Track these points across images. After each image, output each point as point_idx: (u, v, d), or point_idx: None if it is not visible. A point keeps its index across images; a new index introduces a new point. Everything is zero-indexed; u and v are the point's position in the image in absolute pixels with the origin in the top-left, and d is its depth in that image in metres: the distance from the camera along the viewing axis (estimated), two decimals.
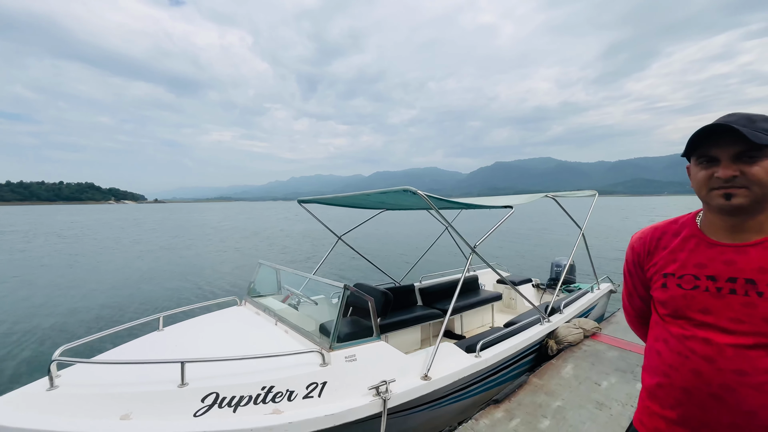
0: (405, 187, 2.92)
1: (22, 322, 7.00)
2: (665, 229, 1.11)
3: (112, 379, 2.30)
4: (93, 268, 12.58)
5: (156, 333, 3.13)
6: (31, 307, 8.03)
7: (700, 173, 0.95)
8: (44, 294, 9.13)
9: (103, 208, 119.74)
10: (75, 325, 6.89)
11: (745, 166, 0.87)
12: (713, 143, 0.91)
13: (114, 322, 7.05)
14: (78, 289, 9.57)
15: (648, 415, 1.08)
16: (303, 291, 3.75)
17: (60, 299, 8.64)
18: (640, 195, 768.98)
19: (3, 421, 1.94)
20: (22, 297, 8.86)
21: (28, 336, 6.30)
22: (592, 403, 2.94)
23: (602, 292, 5.58)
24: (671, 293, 1.01)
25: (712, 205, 0.95)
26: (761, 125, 0.87)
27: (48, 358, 5.42)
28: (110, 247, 18.65)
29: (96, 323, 7.00)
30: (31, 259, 14.78)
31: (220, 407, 2.14)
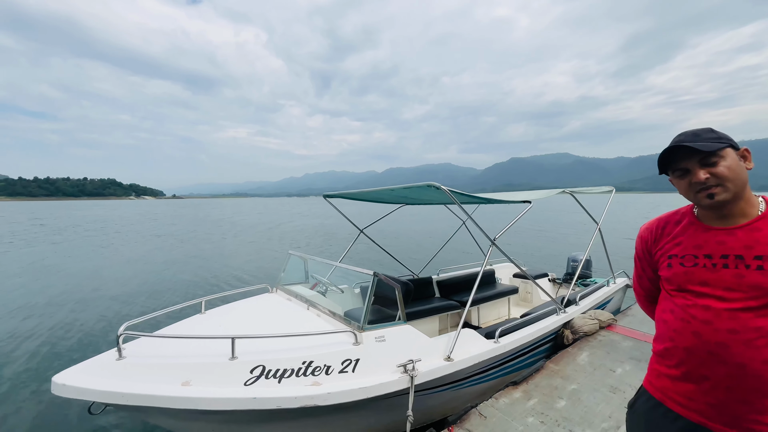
0: (429, 182, 3.13)
1: (82, 303, 7.68)
2: (668, 219, 1.32)
3: (169, 351, 2.60)
4: (139, 259, 13.28)
5: (199, 315, 3.44)
6: (90, 290, 8.85)
7: (681, 183, 1.17)
8: (94, 281, 9.81)
9: (125, 204, 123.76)
10: (121, 308, 7.47)
11: (711, 169, 1.09)
12: (679, 159, 1.14)
13: (160, 304, 7.75)
14: (125, 276, 10.24)
15: (656, 377, 1.27)
16: (330, 279, 4.02)
17: (110, 285, 9.35)
18: (661, 192, 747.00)
19: (87, 384, 2.25)
20: (82, 283, 9.54)
21: (90, 313, 6.96)
22: (606, 387, 3.10)
23: (618, 286, 5.67)
24: (675, 270, 1.21)
25: (702, 205, 1.16)
26: (705, 136, 1.11)
27: (105, 331, 5.96)
28: (153, 240, 19.47)
29: (143, 305, 7.65)
30: (88, 249, 15.61)
31: (267, 378, 2.40)
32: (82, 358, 2.60)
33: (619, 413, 2.74)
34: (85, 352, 5.23)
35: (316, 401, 2.32)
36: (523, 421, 2.67)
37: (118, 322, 6.48)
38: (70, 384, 2.27)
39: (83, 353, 5.22)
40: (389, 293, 3.06)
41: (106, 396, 2.22)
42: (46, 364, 4.92)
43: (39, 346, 5.50)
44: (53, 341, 5.70)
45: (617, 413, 2.75)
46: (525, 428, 2.59)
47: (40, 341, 5.70)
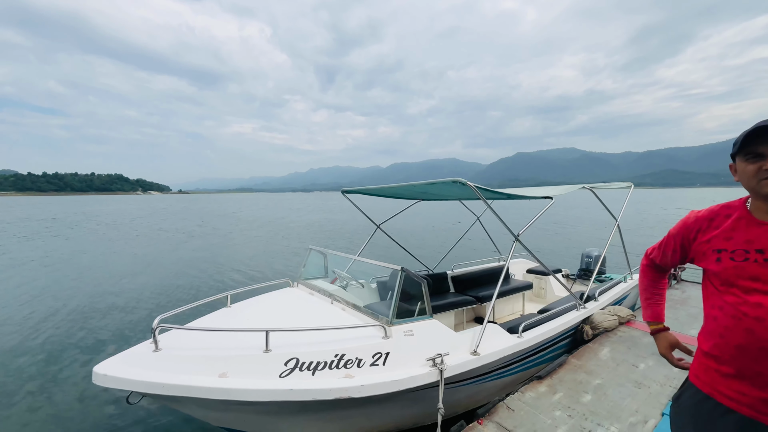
0: (455, 178, 3.16)
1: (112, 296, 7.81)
2: (718, 212, 1.30)
3: (202, 344, 2.66)
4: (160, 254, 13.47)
5: (225, 309, 3.50)
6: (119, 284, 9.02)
7: (748, 167, 1.15)
8: (116, 276, 9.98)
9: (132, 199, 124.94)
10: (147, 300, 7.63)
11: None
12: (759, 142, 1.12)
13: (184, 298, 7.91)
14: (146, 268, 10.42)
15: (704, 371, 1.29)
16: (348, 274, 4.06)
17: (130, 281, 9.50)
18: (670, 187, 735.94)
19: (128, 375, 2.32)
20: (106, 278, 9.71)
21: (118, 306, 7.07)
22: (631, 383, 3.12)
23: (635, 282, 5.65)
24: (724, 265, 1.21)
25: (762, 194, 1.15)
26: None
27: (138, 322, 6.06)
28: (174, 236, 19.69)
29: (171, 299, 7.84)
30: (111, 246, 15.85)
31: (301, 370, 2.45)
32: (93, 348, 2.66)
33: (645, 408, 2.76)
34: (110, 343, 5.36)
35: (350, 393, 2.37)
36: (551, 414, 2.70)
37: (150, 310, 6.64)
38: (111, 374, 2.34)
39: (111, 344, 5.36)
40: (412, 288, 3.10)
41: (147, 386, 2.29)
42: (69, 354, 5.05)
43: (71, 335, 5.64)
44: (86, 330, 5.85)
45: (644, 408, 2.77)
46: (553, 421, 2.62)
47: (73, 330, 5.84)
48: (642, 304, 1.65)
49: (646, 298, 1.63)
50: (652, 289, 1.61)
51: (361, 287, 4.12)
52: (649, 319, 1.62)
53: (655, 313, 1.60)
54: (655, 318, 1.59)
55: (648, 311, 1.62)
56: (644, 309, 1.64)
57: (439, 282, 5.26)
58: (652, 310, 1.60)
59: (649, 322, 1.61)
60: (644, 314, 1.63)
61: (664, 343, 1.56)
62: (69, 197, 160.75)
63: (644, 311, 1.63)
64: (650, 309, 1.61)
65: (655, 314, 1.59)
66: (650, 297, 1.61)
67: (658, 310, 1.60)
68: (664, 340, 1.56)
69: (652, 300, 1.61)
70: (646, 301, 1.62)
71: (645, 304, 1.63)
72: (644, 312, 1.63)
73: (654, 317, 1.60)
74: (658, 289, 1.60)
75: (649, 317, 1.62)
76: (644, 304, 1.63)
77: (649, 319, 1.62)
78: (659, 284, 1.61)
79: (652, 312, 1.60)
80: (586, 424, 2.60)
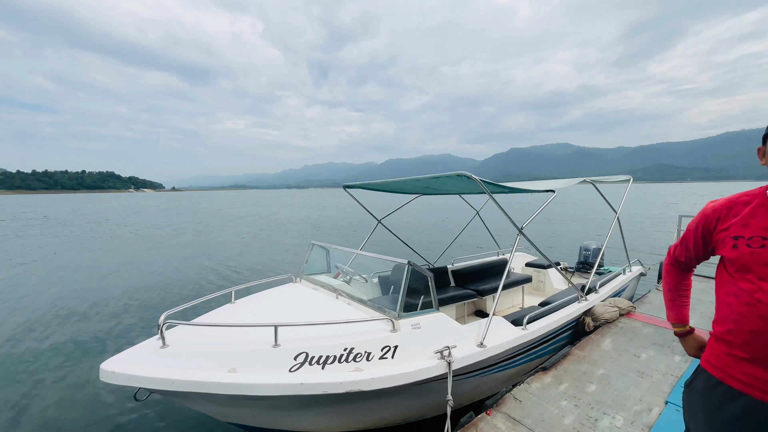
0: (460, 172, 3.16)
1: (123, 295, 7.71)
2: (736, 200, 1.31)
3: (209, 339, 2.65)
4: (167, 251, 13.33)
5: (230, 305, 3.48)
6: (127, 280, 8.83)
7: None
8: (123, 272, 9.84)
9: (125, 196, 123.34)
10: (153, 297, 7.56)
11: None
12: None
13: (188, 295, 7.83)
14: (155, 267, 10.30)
15: (716, 356, 1.31)
16: (350, 269, 4.06)
17: (135, 278, 9.38)
18: (661, 182, 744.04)
19: (136, 371, 2.30)
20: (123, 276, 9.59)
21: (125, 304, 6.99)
22: (633, 372, 3.17)
23: (633, 274, 5.73)
24: (740, 251, 1.22)
25: None
26: None
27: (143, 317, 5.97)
28: (174, 234, 19.49)
29: (175, 295, 7.77)
30: (123, 245, 15.65)
31: (310, 365, 2.46)
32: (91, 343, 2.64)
33: (649, 396, 2.81)
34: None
35: (361, 386, 2.38)
36: (557, 404, 2.74)
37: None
38: (119, 371, 2.32)
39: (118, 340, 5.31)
40: (416, 282, 3.11)
41: (156, 383, 2.27)
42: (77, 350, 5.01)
43: (78, 329, 5.59)
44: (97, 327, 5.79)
45: (648, 396, 2.81)
46: (560, 411, 2.66)
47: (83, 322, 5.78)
48: (666, 305, 1.61)
49: (670, 299, 1.58)
50: (677, 290, 1.56)
51: (365, 282, 4.13)
52: (674, 320, 1.58)
53: (680, 315, 1.56)
54: (680, 320, 1.56)
55: (672, 312, 1.58)
56: (668, 310, 1.59)
57: (439, 276, 5.28)
58: (677, 312, 1.57)
59: (674, 323, 1.58)
60: (668, 315, 1.59)
61: (693, 345, 1.54)
62: (60, 195, 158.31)
63: (668, 312, 1.59)
64: (675, 310, 1.57)
65: (680, 316, 1.56)
66: (675, 298, 1.57)
67: (684, 312, 1.56)
68: (692, 342, 1.54)
69: (677, 301, 1.57)
70: (671, 302, 1.58)
71: (669, 305, 1.59)
72: (669, 313, 1.59)
73: (679, 319, 1.57)
74: (682, 290, 1.56)
75: (674, 318, 1.58)
76: (668, 305, 1.59)
77: (674, 321, 1.58)
78: (683, 284, 1.56)
79: (677, 314, 1.57)
80: (592, 413, 2.64)
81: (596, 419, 2.57)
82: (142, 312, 6.72)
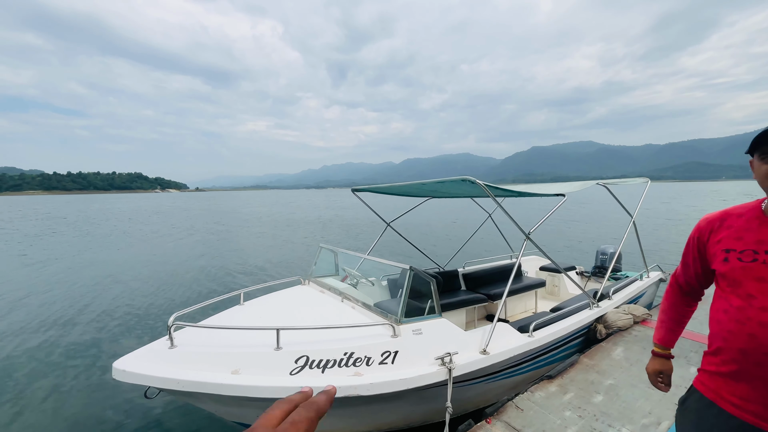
0: (464, 177, 3.14)
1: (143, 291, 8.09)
2: (730, 212, 1.27)
3: (216, 341, 2.74)
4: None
5: (238, 306, 3.58)
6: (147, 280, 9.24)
7: (763, 167, 1.12)
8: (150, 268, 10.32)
9: (153, 196, 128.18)
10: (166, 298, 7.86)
11: None
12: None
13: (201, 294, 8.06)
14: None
15: (708, 377, 1.26)
16: (358, 272, 4.10)
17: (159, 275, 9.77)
18: (693, 180, 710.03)
19: (147, 371, 2.41)
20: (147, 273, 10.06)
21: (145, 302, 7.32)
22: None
23: (651, 280, 5.52)
24: (732, 265, 1.17)
25: None
26: None
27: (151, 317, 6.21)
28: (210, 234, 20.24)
29: (187, 296, 8.00)
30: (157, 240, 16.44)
31: (311, 368, 2.51)
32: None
33: (659, 409, 2.72)
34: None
35: (359, 391, 2.41)
36: (560, 414, 2.69)
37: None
38: (130, 370, 2.44)
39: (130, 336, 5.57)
40: (420, 286, 3.11)
41: (165, 382, 2.38)
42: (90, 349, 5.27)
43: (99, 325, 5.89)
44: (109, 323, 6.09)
45: (657, 409, 2.72)
46: (562, 422, 2.61)
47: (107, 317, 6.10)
48: (657, 323, 1.58)
49: (660, 320, 1.56)
50: (669, 311, 1.53)
51: (372, 285, 4.16)
52: (655, 340, 1.55)
53: (664, 337, 1.53)
54: (661, 341, 1.53)
55: (658, 333, 1.55)
56: (656, 330, 1.57)
57: (450, 280, 5.24)
58: (662, 334, 1.53)
59: (655, 344, 1.55)
60: (654, 335, 1.57)
61: (657, 368, 1.51)
62: (92, 195, 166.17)
63: (655, 332, 1.57)
64: (660, 331, 1.54)
65: (663, 338, 1.53)
66: (665, 320, 1.54)
67: (669, 336, 1.52)
68: (660, 366, 1.51)
69: (666, 324, 1.53)
70: (660, 322, 1.55)
71: (658, 325, 1.56)
72: (655, 332, 1.57)
73: (660, 340, 1.53)
74: (675, 313, 1.52)
75: (655, 338, 1.55)
76: (658, 324, 1.57)
77: (655, 341, 1.55)
78: (678, 308, 1.51)
79: (661, 335, 1.53)
80: (596, 424, 2.58)
81: (600, 431, 2.51)
82: (158, 311, 6.99)
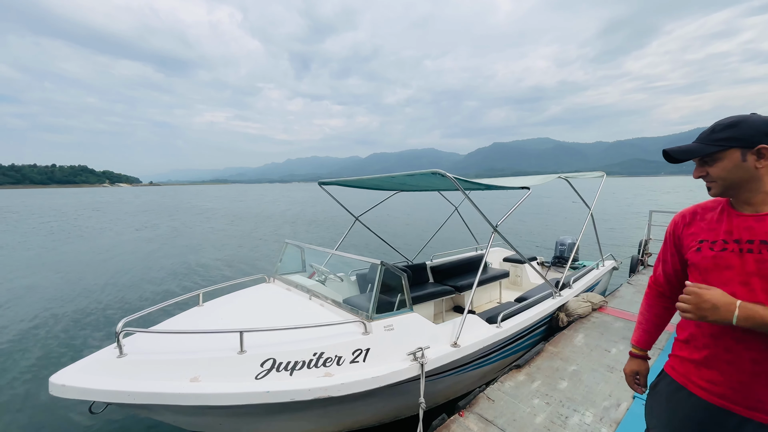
0: (434, 170, 3.11)
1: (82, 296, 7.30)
2: (704, 206, 1.33)
3: (171, 347, 2.52)
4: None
5: (197, 308, 3.34)
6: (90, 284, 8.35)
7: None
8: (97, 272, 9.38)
9: (101, 192, 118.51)
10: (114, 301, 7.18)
11: (705, 167, 1.21)
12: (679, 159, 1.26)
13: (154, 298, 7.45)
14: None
15: (679, 363, 1.30)
16: (326, 268, 3.97)
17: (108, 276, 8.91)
18: (638, 176, 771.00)
19: (90, 384, 2.16)
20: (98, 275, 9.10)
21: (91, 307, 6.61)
22: (603, 367, 3.22)
23: (606, 268, 5.86)
24: (704, 254, 1.23)
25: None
26: (716, 135, 1.16)
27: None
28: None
29: (139, 298, 7.34)
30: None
31: (278, 371, 2.37)
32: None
33: (618, 391, 2.86)
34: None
35: (330, 392, 2.31)
36: (529, 402, 2.75)
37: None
38: (70, 384, 2.17)
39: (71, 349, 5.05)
40: (391, 281, 3.06)
41: (112, 395, 2.14)
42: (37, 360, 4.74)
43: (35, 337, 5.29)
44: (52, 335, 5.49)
45: (617, 391, 2.86)
46: (531, 410, 2.67)
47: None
48: (635, 326, 1.61)
49: (638, 321, 1.58)
50: (647, 313, 1.55)
51: (340, 281, 4.05)
52: (632, 342, 1.58)
53: (640, 338, 1.55)
54: (638, 343, 1.56)
55: (635, 334, 1.58)
56: (634, 331, 1.59)
57: (418, 272, 5.26)
58: (638, 335, 1.56)
59: (632, 345, 1.57)
60: (632, 336, 1.59)
61: (634, 368, 1.55)
62: (28, 190, 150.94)
63: (633, 333, 1.59)
64: (637, 332, 1.57)
65: (639, 339, 1.56)
66: (641, 321, 1.57)
67: (645, 337, 1.54)
68: (634, 364, 1.55)
69: (642, 325, 1.56)
70: (638, 324, 1.58)
71: (636, 326, 1.59)
72: (633, 334, 1.59)
73: (636, 341, 1.56)
74: (652, 315, 1.54)
75: (633, 339, 1.58)
76: (636, 326, 1.59)
77: (632, 342, 1.58)
78: (654, 309, 1.53)
79: (637, 336, 1.57)
80: (563, 410, 2.66)
81: (566, 417, 2.60)
82: (101, 318, 6.43)
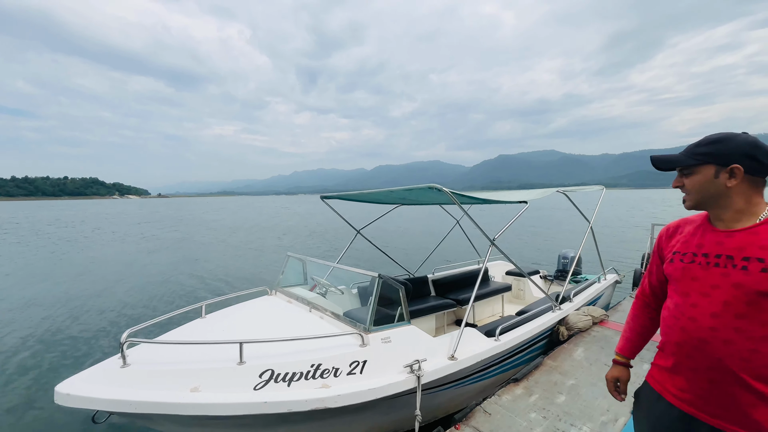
0: (431, 184, 3.18)
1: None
2: (687, 220, 1.40)
3: (173, 357, 2.58)
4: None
5: (199, 320, 3.41)
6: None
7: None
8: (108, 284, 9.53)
9: (110, 203, 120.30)
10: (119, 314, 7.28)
11: (683, 179, 1.27)
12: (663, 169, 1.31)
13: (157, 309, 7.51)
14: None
15: (657, 371, 1.36)
16: (327, 280, 4.03)
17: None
18: (645, 188, 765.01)
19: (94, 393, 2.23)
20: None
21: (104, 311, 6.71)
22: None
23: (608, 282, 5.84)
24: (675, 266, 1.30)
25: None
26: (698, 149, 1.21)
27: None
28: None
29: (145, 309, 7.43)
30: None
31: (276, 382, 2.42)
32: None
33: (617, 406, 2.85)
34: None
35: (327, 404, 2.35)
36: (526, 416, 2.75)
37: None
38: (75, 393, 2.24)
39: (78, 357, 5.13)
40: (390, 294, 3.10)
41: (114, 405, 2.21)
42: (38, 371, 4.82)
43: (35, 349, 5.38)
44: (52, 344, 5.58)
45: (615, 406, 2.85)
46: (528, 424, 2.67)
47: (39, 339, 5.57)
48: (621, 335, 1.65)
49: (624, 330, 1.62)
50: (631, 322, 1.60)
51: (341, 294, 4.10)
52: (617, 350, 1.62)
53: (623, 347, 1.59)
54: (621, 350, 1.60)
55: (619, 342, 1.62)
56: (619, 339, 1.64)
57: (419, 286, 5.28)
58: (621, 343, 1.61)
59: (616, 352, 1.61)
60: (617, 344, 1.63)
61: (615, 375, 1.58)
62: (39, 202, 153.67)
63: (619, 341, 1.63)
64: (621, 341, 1.61)
65: (623, 347, 1.60)
66: (626, 330, 1.61)
67: (628, 345, 1.58)
68: (616, 371, 1.59)
69: (626, 333, 1.60)
70: (623, 332, 1.62)
71: (621, 335, 1.63)
72: (618, 342, 1.63)
73: (620, 349, 1.60)
74: (636, 324, 1.58)
75: (617, 347, 1.62)
76: (621, 334, 1.63)
77: (617, 350, 1.62)
78: (639, 319, 1.57)
79: (621, 344, 1.61)
80: (560, 425, 2.66)
81: (563, 431, 2.59)
82: (111, 329, 6.52)
